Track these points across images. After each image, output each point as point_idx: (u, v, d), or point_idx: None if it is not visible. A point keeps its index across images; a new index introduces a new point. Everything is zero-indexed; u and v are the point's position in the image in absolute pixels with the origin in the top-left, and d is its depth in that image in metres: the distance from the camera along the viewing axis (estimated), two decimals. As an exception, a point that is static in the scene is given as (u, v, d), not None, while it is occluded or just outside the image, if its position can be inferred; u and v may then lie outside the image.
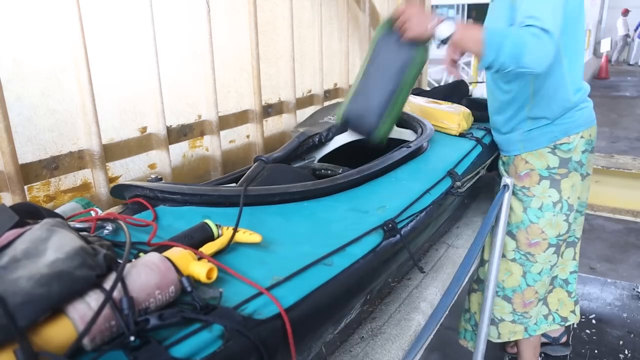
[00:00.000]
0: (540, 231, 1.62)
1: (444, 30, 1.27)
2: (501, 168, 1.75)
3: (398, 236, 0.98)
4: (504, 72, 1.26)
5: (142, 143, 1.33)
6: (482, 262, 1.83)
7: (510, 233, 1.68)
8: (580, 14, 1.43)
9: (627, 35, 14.68)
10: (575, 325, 2.37)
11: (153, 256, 0.63)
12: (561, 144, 1.56)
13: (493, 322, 1.80)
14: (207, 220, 0.81)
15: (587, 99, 1.60)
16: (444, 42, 1.30)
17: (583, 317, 2.45)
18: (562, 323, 1.88)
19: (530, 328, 1.80)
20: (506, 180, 1.56)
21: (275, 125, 1.89)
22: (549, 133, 1.56)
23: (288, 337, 0.65)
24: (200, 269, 0.67)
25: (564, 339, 2.26)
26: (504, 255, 1.71)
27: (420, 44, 1.33)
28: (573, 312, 1.89)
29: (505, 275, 1.73)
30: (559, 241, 1.66)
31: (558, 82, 1.49)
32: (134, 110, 1.31)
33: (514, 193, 1.65)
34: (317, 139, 1.63)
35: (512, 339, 1.82)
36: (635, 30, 14.18)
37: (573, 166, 1.59)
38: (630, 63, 14.84)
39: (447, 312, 1.13)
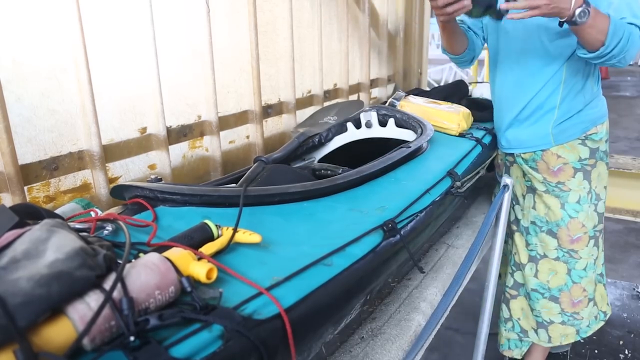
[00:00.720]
0: (581, 225, 1.61)
1: (582, 14, 1.24)
2: (525, 166, 1.68)
3: (398, 236, 0.98)
4: (601, 62, 1.34)
5: (142, 143, 1.33)
6: (518, 266, 1.78)
7: (550, 232, 1.65)
8: None
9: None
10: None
11: (153, 256, 0.63)
12: (591, 134, 1.57)
13: (542, 325, 1.75)
14: (206, 221, 0.81)
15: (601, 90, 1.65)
16: (572, 23, 1.27)
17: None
18: (604, 318, 1.83)
19: (582, 330, 1.75)
20: (506, 180, 1.56)
21: (275, 125, 1.89)
22: (580, 124, 1.56)
23: (288, 337, 0.65)
24: (200, 269, 0.67)
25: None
26: (545, 255, 1.68)
27: None
28: (607, 303, 1.85)
29: (550, 275, 1.69)
30: (595, 233, 1.64)
31: (589, 71, 1.53)
32: (134, 111, 1.31)
33: (548, 191, 1.63)
34: (317, 139, 1.63)
35: (563, 343, 1.77)
36: None
37: (600, 156, 1.59)
38: (630, 63, 14.85)
39: (447, 312, 1.14)
